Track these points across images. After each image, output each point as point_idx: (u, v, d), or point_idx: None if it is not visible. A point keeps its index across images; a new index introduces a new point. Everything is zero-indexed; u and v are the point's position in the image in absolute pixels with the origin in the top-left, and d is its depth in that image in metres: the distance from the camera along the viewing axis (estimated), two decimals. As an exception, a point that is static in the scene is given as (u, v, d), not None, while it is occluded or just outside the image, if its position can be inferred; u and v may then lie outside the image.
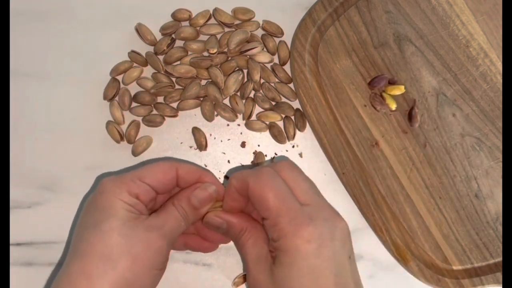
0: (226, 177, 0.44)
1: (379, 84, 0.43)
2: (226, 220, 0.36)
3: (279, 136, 0.44)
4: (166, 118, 0.44)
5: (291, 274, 0.31)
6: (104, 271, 0.31)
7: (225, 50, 0.45)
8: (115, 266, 0.31)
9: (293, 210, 0.32)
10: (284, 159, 0.44)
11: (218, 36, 0.45)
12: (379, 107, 0.43)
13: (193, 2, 0.45)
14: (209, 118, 0.44)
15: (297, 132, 0.44)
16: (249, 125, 0.44)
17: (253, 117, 0.45)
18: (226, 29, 0.45)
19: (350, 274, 0.33)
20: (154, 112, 0.44)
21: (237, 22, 0.45)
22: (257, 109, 0.45)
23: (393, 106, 0.43)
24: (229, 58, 0.44)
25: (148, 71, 0.45)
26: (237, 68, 0.44)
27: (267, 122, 0.44)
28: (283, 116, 0.44)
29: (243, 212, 0.37)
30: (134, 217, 0.33)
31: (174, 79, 0.45)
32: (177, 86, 0.45)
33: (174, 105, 0.44)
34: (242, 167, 0.44)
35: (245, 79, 0.45)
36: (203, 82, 0.45)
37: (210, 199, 0.36)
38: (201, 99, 0.44)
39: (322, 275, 0.31)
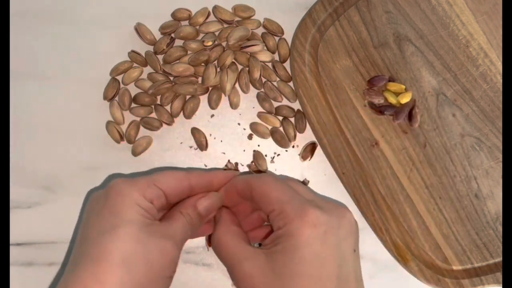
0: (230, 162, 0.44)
1: (378, 84, 0.43)
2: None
3: (282, 141, 0.44)
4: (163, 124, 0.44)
5: (294, 259, 0.30)
6: (120, 277, 0.30)
7: (223, 43, 0.45)
8: (131, 273, 0.30)
9: (298, 199, 0.32)
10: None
11: (217, 34, 0.45)
12: (376, 100, 0.43)
13: (193, 2, 0.45)
14: (214, 106, 0.44)
15: (297, 132, 0.44)
16: (253, 127, 0.44)
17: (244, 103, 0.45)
18: (226, 26, 0.45)
19: (353, 269, 0.32)
20: (153, 115, 0.44)
21: (237, 19, 0.45)
22: (253, 103, 0.45)
23: (395, 102, 0.43)
24: (226, 49, 0.44)
25: (148, 71, 0.45)
26: (232, 62, 0.44)
27: (269, 127, 0.44)
28: (281, 118, 0.44)
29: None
30: (149, 223, 0.32)
31: (172, 78, 0.44)
32: (176, 86, 0.45)
33: (173, 109, 0.44)
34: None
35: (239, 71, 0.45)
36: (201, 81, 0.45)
37: (215, 207, 0.37)
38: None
39: (326, 263, 0.31)
